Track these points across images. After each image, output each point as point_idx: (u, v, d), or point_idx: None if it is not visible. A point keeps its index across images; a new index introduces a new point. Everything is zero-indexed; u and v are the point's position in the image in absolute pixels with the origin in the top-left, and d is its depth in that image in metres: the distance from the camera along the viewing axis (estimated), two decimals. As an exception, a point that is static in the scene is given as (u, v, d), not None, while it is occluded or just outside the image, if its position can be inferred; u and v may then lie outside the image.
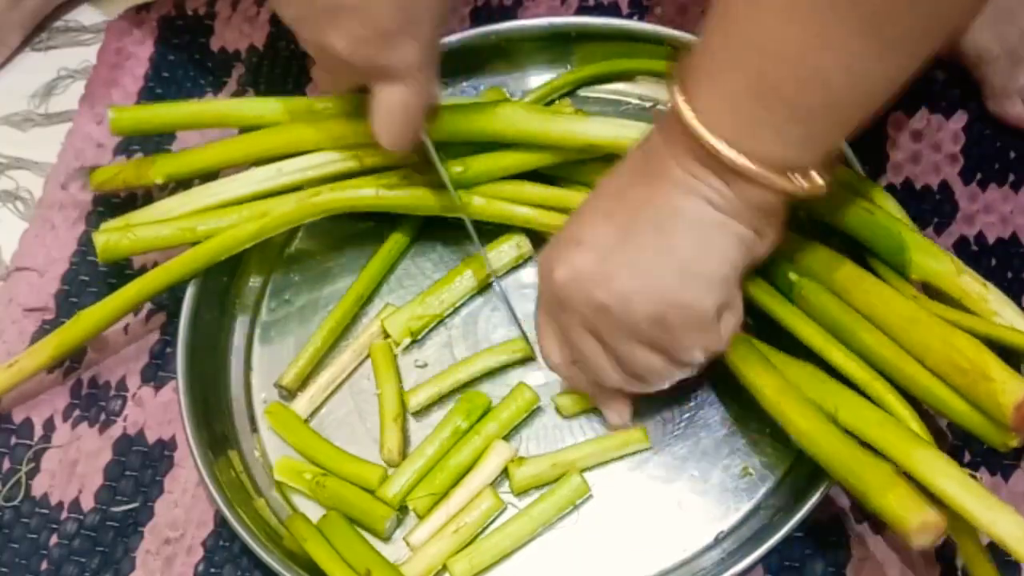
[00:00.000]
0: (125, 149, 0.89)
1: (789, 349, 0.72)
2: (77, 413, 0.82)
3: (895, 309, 0.69)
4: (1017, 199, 0.81)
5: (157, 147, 0.88)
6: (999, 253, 0.79)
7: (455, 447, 0.76)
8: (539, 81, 0.87)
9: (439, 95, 0.77)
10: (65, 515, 0.79)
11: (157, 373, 0.82)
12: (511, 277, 0.82)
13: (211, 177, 0.82)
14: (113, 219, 0.81)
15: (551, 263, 0.70)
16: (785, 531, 0.70)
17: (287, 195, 0.79)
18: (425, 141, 0.77)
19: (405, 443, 0.77)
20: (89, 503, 0.79)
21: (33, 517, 0.79)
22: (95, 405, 0.82)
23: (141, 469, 0.79)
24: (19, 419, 0.82)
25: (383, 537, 0.75)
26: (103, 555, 0.77)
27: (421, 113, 0.75)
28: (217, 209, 0.79)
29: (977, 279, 0.69)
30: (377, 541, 0.75)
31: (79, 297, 0.85)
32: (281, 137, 0.80)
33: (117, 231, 0.79)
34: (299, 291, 0.84)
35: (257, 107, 0.81)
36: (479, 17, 0.91)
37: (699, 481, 0.75)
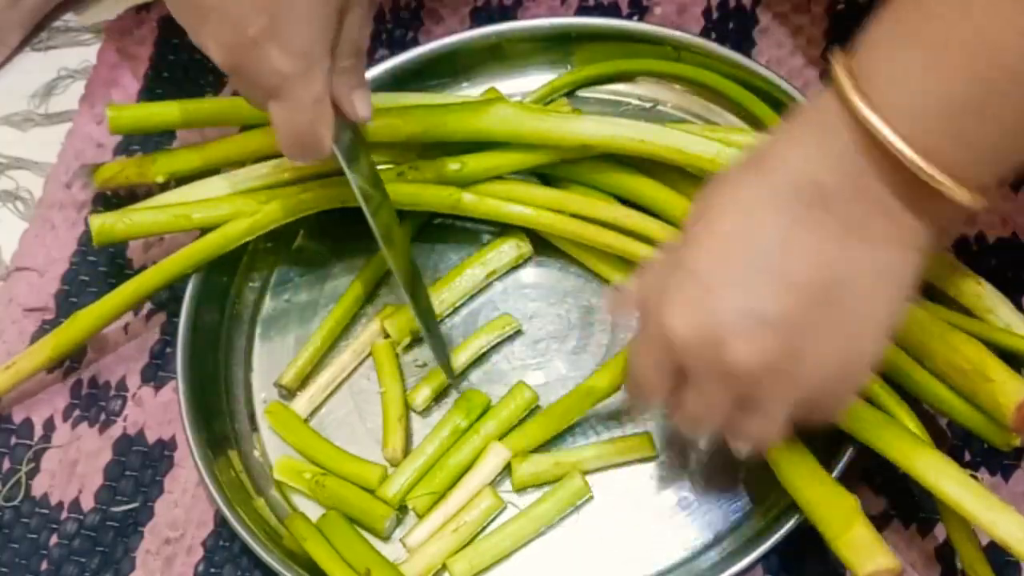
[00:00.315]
0: (125, 149, 0.89)
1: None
2: (77, 413, 0.81)
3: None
4: (1017, 199, 0.81)
5: (157, 147, 0.88)
6: (999, 253, 0.79)
7: (455, 446, 0.76)
8: (539, 81, 0.86)
9: (358, 107, 0.70)
10: (65, 515, 0.79)
11: (157, 373, 0.82)
12: (511, 277, 0.82)
13: (211, 175, 0.81)
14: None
15: (715, 334, 0.58)
16: (785, 531, 0.70)
17: (282, 189, 0.79)
18: (337, 155, 0.71)
19: (407, 443, 0.77)
20: (89, 503, 0.79)
21: (33, 517, 0.79)
22: (95, 405, 0.82)
23: (141, 469, 0.79)
24: (19, 419, 0.82)
25: (383, 537, 0.75)
26: (103, 555, 0.77)
27: (314, 131, 0.68)
28: (213, 200, 0.79)
29: (972, 276, 0.69)
30: (377, 541, 0.75)
31: (79, 297, 0.85)
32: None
33: (113, 216, 0.79)
34: (299, 290, 0.84)
35: (256, 106, 0.81)
36: (479, 17, 0.91)
37: (699, 481, 0.75)
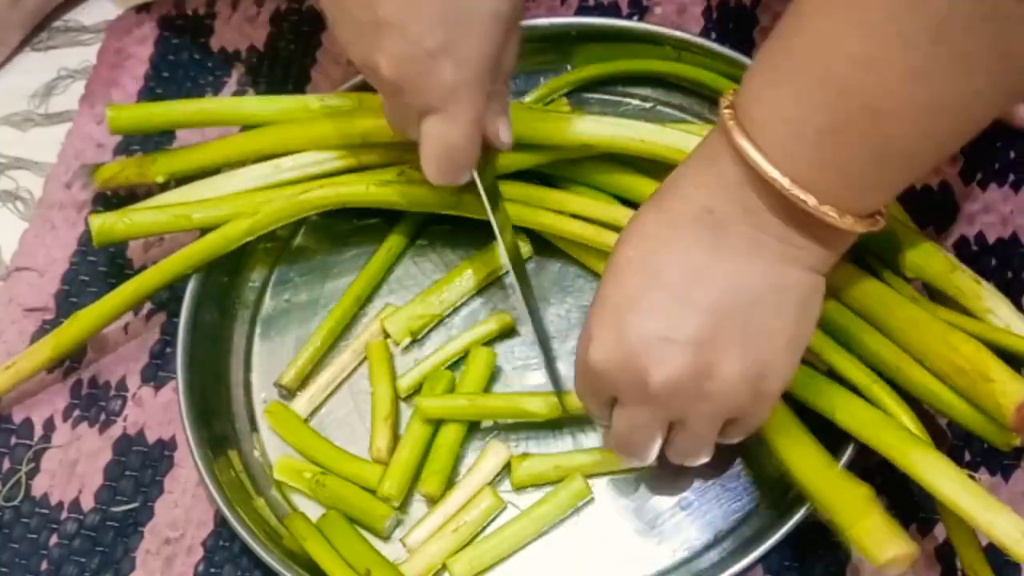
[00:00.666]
0: (125, 149, 0.89)
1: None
2: (77, 413, 0.82)
3: (894, 310, 0.69)
4: (1017, 199, 0.81)
5: (157, 147, 0.88)
6: (999, 253, 0.79)
7: (440, 432, 0.76)
8: (539, 81, 0.86)
9: (501, 133, 0.71)
10: (65, 515, 0.79)
11: (157, 373, 0.82)
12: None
13: (211, 175, 0.81)
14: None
15: (629, 360, 0.62)
16: (785, 531, 0.70)
17: (281, 189, 0.79)
18: (476, 181, 0.72)
19: (395, 442, 0.77)
20: (89, 503, 0.79)
21: (33, 517, 0.79)
22: (95, 405, 0.82)
23: (141, 469, 0.79)
24: (19, 419, 0.82)
25: (383, 536, 0.75)
26: (103, 555, 0.77)
27: (467, 149, 0.69)
28: (213, 200, 0.79)
29: (971, 275, 0.69)
30: (377, 541, 0.75)
31: (79, 297, 0.85)
32: (281, 135, 0.80)
33: (113, 216, 0.79)
34: (299, 290, 0.84)
35: (256, 106, 0.81)
36: (479, 17, 0.91)
37: (699, 481, 0.75)
